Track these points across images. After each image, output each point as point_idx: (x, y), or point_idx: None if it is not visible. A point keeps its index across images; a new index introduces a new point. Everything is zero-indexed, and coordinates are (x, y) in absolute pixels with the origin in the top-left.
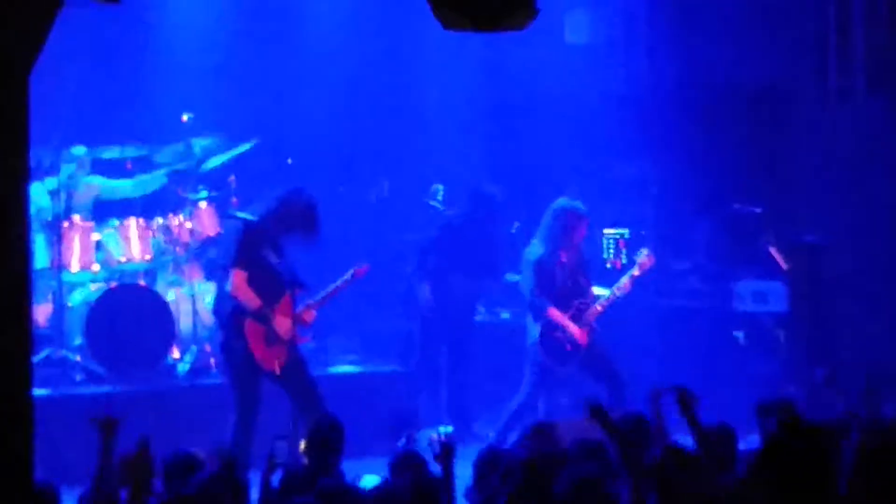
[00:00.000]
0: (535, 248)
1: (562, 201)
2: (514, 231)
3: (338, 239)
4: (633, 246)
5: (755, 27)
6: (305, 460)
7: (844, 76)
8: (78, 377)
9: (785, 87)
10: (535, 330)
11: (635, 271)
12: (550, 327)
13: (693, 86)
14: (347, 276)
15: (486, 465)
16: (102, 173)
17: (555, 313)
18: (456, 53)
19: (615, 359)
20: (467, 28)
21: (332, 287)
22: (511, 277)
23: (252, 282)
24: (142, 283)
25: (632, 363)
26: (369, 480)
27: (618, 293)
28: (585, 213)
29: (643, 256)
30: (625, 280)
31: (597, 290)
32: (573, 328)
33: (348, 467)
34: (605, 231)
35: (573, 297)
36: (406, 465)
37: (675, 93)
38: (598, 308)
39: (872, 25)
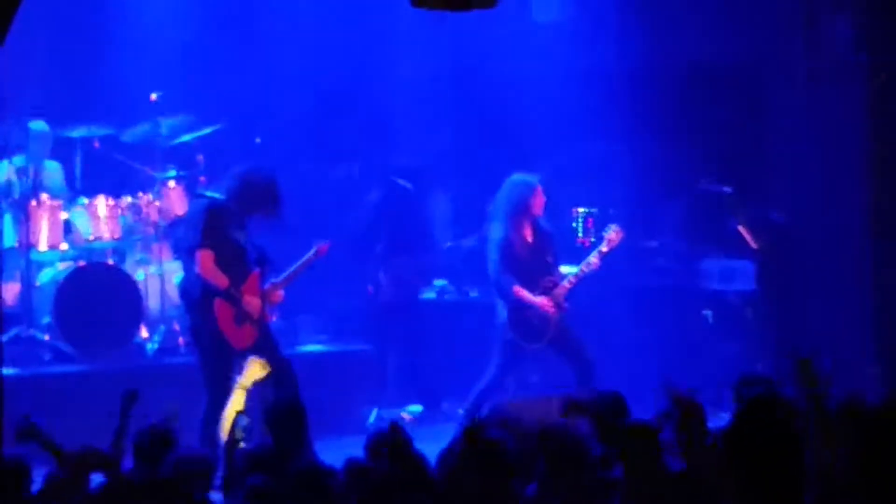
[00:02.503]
0: (496, 228)
1: (515, 176)
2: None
3: (306, 218)
4: (601, 224)
5: (725, 8)
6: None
7: (814, 58)
8: (46, 356)
9: (755, 68)
10: (503, 308)
11: (604, 247)
12: (519, 305)
13: (662, 65)
14: (311, 253)
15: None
16: (70, 152)
17: (520, 291)
18: (424, 32)
19: (583, 337)
20: (439, 7)
21: (296, 265)
22: (451, 244)
23: (219, 261)
24: (110, 262)
25: (600, 341)
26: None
27: (586, 269)
28: (538, 184)
29: (611, 232)
30: (593, 256)
31: (565, 269)
32: (540, 303)
33: (318, 446)
34: (575, 209)
35: (540, 275)
36: (383, 445)
37: (644, 72)
38: (567, 285)
39: (841, 8)
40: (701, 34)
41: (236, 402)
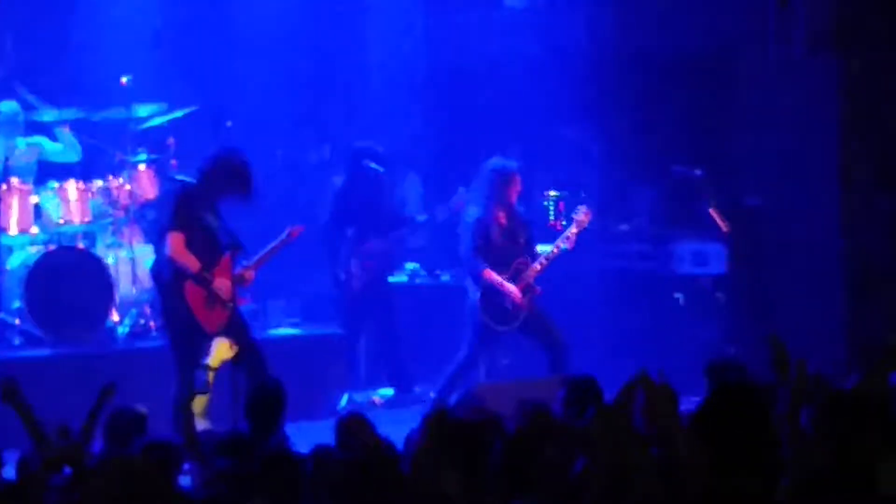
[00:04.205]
0: (471, 210)
1: (494, 161)
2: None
3: (278, 201)
4: (573, 207)
5: None
6: (245, 424)
7: (785, 41)
8: (17, 340)
9: (726, 52)
10: (474, 290)
11: (573, 228)
12: (489, 289)
13: (634, 49)
14: (283, 236)
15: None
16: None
17: (490, 274)
18: (396, 16)
19: (555, 321)
20: None
21: (268, 248)
22: (421, 217)
23: (190, 244)
24: (81, 245)
25: (573, 324)
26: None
27: (556, 251)
28: (517, 170)
29: (581, 214)
30: (563, 238)
31: (540, 248)
32: (510, 288)
33: (289, 430)
34: (546, 193)
35: (512, 258)
36: (353, 429)
37: (616, 56)
38: (538, 267)
39: None
40: (672, 18)
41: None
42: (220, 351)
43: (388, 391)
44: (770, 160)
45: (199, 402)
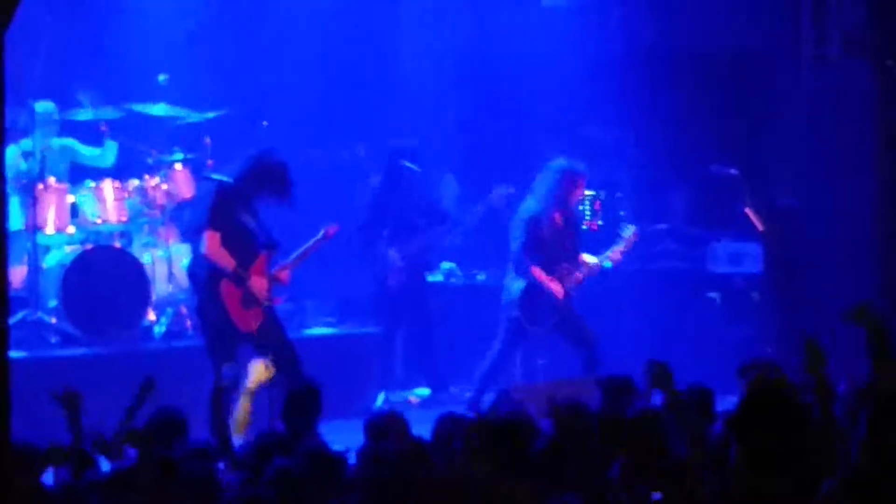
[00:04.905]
0: (529, 205)
1: (562, 161)
2: (506, 193)
3: (313, 201)
4: (609, 208)
5: None
6: (282, 425)
7: (820, 42)
8: (53, 339)
9: (761, 52)
10: (514, 286)
11: (621, 247)
12: (532, 286)
13: (669, 49)
14: (318, 236)
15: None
16: (76, 135)
17: (538, 272)
18: (433, 16)
19: (589, 324)
20: None
21: (303, 248)
22: (458, 216)
23: (226, 243)
24: (117, 245)
25: (607, 325)
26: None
27: (598, 267)
28: (584, 174)
29: (629, 233)
30: (610, 253)
31: (586, 258)
32: (555, 287)
33: (325, 429)
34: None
35: (558, 260)
36: (386, 428)
37: (651, 56)
38: (580, 276)
39: None
40: (708, 17)
41: (243, 407)
42: (258, 373)
43: (425, 391)
44: (805, 160)
45: (241, 419)
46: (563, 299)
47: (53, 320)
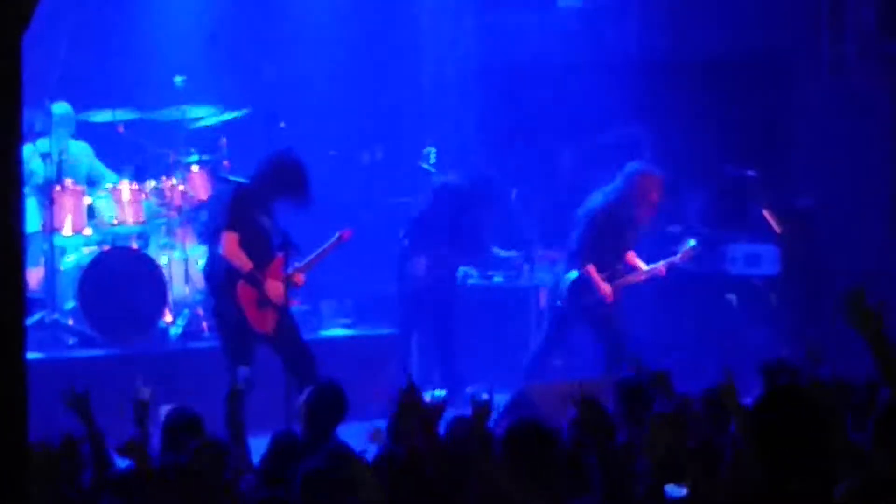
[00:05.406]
0: (596, 201)
1: (640, 165)
2: (513, 198)
3: (330, 203)
4: None
5: None
6: (301, 426)
7: (836, 45)
8: (70, 341)
9: (780, 54)
10: (566, 277)
11: (676, 258)
12: (583, 280)
13: (687, 50)
14: (334, 239)
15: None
16: (94, 136)
17: (592, 271)
18: (448, 16)
19: (627, 329)
20: None
21: (319, 250)
22: (498, 252)
23: (243, 244)
24: (134, 246)
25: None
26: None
27: (647, 275)
28: (660, 179)
29: (689, 248)
30: (663, 263)
31: (639, 263)
32: (604, 289)
33: (341, 430)
34: None
35: (616, 262)
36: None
37: (668, 57)
38: (629, 279)
39: None
40: (727, 19)
41: None
42: None
43: (441, 392)
44: (823, 161)
45: None
46: (611, 303)
47: (71, 322)
